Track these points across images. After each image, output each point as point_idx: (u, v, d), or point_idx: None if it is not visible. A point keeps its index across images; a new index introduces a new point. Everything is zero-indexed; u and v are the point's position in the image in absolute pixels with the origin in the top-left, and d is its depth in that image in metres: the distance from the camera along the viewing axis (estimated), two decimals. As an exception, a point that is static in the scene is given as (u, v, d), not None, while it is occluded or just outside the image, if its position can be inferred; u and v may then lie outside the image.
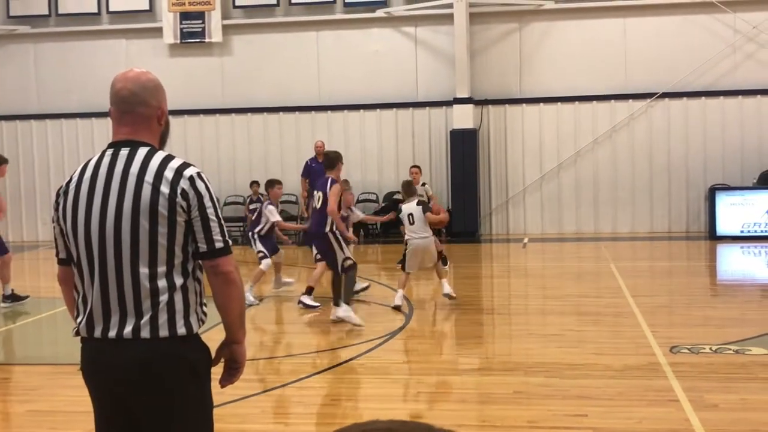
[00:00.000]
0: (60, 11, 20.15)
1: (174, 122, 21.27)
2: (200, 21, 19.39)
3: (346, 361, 8.13)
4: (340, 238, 9.96)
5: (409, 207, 10.87)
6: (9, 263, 11.65)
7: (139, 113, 3.29)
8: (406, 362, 8.08)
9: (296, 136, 19.51)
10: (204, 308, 3.31)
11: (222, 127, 19.85)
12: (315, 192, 10.21)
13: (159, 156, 3.24)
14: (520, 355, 8.26)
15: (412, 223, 10.80)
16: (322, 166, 17.50)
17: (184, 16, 19.44)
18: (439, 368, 8.03)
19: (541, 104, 19.05)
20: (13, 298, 11.62)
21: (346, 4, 19.35)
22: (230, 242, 3.30)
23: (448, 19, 18.64)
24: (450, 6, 18.44)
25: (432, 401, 6.98)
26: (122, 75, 3.33)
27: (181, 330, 3.18)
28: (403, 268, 10.92)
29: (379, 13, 19.19)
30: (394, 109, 19.40)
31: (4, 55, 20.50)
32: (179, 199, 3.15)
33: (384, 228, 18.40)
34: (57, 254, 3.39)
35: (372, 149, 19.50)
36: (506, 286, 13.40)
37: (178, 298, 3.18)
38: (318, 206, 10.02)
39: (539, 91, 19.04)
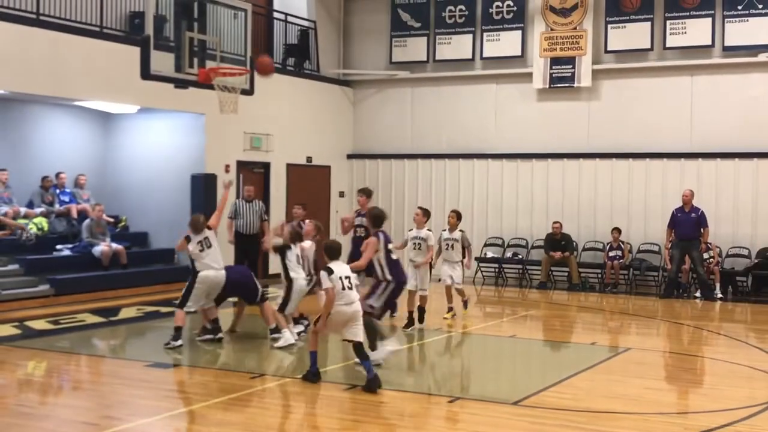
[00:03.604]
0: (437, 57, 21.31)
1: (536, 165, 21.25)
2: (570, 66, 19.50)
3: (720, 427, 7.62)
4: None
5: None
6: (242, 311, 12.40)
7: None
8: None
9: (662, 183, 18.81)
10: None
11: (585, 172, 19.63)
12: None
13: None
14: None
15: None
16: (688, 215, 16.75)
17: (555, 61, 19.68)
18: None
19: None
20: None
21: (725, 48, 18.39)
22: None
23: (842, 62, 17.05)
24: None
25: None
26: None
27: None
28: None
29: (762, 57, 18.01)
30: (773, 159, 18.05)
31: (385, 98, 22.08)
32: None
33: (758, 284, 17.25)
34: None
35: (745, 201, 18.22)
36: None
37: None
38: None
39: None
